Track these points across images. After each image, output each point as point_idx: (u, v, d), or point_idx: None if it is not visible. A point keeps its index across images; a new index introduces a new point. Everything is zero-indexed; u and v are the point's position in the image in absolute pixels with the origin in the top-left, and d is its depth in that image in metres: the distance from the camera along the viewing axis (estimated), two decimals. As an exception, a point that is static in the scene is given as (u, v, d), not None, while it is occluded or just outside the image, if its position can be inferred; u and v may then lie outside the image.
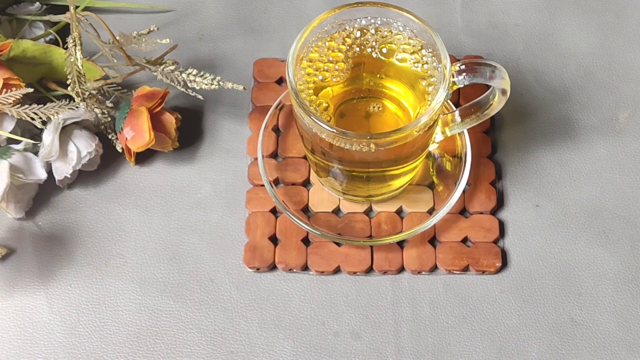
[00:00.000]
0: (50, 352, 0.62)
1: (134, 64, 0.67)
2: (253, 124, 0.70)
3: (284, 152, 0.68)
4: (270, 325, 0.63)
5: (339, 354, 0.62)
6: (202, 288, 0.64)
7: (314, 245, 0.65)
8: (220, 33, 0.75)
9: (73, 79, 0.63)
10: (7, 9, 0.72)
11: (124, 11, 0.76)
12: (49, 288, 0.64)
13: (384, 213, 0.66)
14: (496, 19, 0.75)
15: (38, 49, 0.68)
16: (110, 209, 0.67)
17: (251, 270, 0.65)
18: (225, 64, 0.73)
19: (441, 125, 0.64)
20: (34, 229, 0.66)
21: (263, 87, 0.71)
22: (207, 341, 0.62)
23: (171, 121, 0.67)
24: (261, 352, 0.62)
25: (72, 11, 0.63)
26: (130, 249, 0.66)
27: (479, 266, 0.64)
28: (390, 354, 0.62)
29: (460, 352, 0.62)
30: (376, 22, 0.62)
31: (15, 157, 0.65)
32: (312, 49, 0.61)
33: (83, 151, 0.65)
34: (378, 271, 0.64)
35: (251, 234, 0.65)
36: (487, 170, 0.68)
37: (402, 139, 0.58)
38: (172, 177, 0.69)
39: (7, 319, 0.63)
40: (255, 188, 0.67)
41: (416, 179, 0.67)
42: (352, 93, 0.63)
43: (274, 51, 0.74)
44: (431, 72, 0.61)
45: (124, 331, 0.63)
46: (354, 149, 0.58)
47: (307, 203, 0.67)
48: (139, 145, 0.65)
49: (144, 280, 0.64)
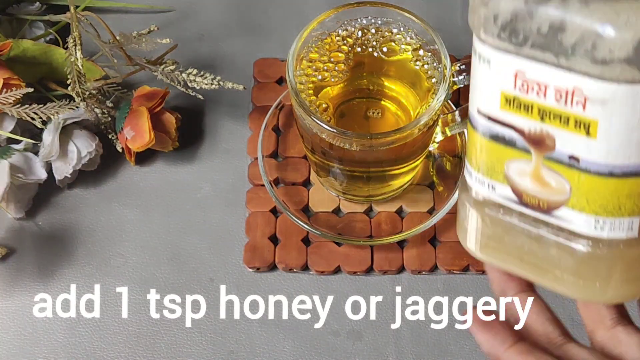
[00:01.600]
0: (50, 352, 0.62)
1: (134, 64, 0.67)
2: (253, 124, 0.70)
3: (284, 152, 0.68)
4: (270, 325, 0.63)
5: (339, 354, 0.62)
6: (202, 288, 0.64)
7: (314, 245, 0.65)
8: (220, 33, 0.75)
9: (73, 78, 0.63)
10: (7, 9, 0.72)
11: (124, 11, 0.76)
12: (49, 288, 0.64)
13: (384, 213, 0.66)
14: (496, 19, 0.75)
15: (38, 49, 0.68)
16: (110, 209, 0.67)
17: (251, 270, 0.65)
18: (225, 64, 0.73)
19: (441, 125, 0.64)
20: (34, 229, 0.66)
21: (263, 87, 0.71)
22: (207, 341, 0.62)
23: (171, 121, 0.67)
24: (261, 352, 0.62)
25: (72, 11, 0.63)
26: (130, 249, 0.66)
27: (479, 266, 0.64)
28: (390, 354, 0.62)
29: (460, 352, 0.62)
30: (376, 22, 0.62)
31: (15, 157, 0.65)
32: (312, 49, 0.61)
33: (83, 151, 0.65)
34: (378, 271, 0.64)
35: (251, 234, 0.65)
36: (487, 170, 0.68)
37: (402, 139, 0.58)
38: (172, 177, 0.69)
39: (7, 319, 0.63)
40: (255, 188, 0.67)
41: (416, 179, 0.67)
42: (352, 93, 0.63)
43: (274, 51, 0.74)
44: (431, 72, 0.61)
45: (124, 331, 0.63)
46: (354, 149, 0.58)
47: (307, 203, 0.67)
48: (139, 145, 0.65)
49: (144, 280, 0.64)
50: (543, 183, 0.43)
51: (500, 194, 0.44)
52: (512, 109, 0.42)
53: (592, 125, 0.40)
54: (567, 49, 0.39)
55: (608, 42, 0.38)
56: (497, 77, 0.42)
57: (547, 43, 0.39)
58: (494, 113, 0.43)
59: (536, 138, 0.42)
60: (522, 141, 0.42)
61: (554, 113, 0.41)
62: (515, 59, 0.41)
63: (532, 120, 0.41)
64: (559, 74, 0.40)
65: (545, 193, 0.43)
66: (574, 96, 0.40)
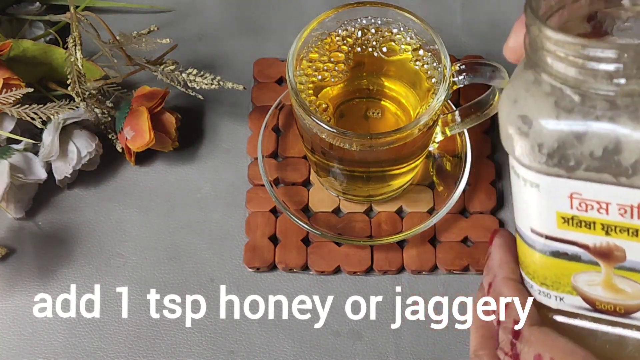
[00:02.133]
0: (50, 352, 0.62)
1: (134, 64, 0.67)
2: (253, 124, 0.70)
3: (284, 152, 0.68)
4: (270, 325, 0.63)
5: (339, 354, 0.62)
6: (202, 288, 0.64)
7: (314, 245, 0.65)
8: (220, 33, 0.75)
9: (73, 79, 0.63)
10: (7, 9, 0.72)
11: (124, 11, 0.76)
12: (49, 288, 0.64)
13: (384, 213, 0.66)
14: (496, 19, 0.75)
15: (38, 49, 0.68)
16: (110, 209, 0.67)
17: (251, 270, 0.65)
18: (225, 64, 0.73)
19: (441, 125, 0.64)
20: (34, 229, 0.66)
21: (263, 87, 0.71)
22: (207, 341, 0.62)
23: (171, 121, 0.67)
24: (261, 352, 0.62)
25: (72, 11, 0.63)
26: (130, 249, 0.66)
27: (479, 266, 0.64)
28: (390, 354, 0.62)
29: (460, 352, 0.62)
30: (376, 22, 0.62)
31: (15, 157, 0.65)
32: (312, 49, 0.61)
33: (83, 151, 0.65)
34: (378, 271, 0.64)
35: (251, 234, 0.65)
36: (487, 170, 0.68)
37: (402, 139, 0.58)
38: (172, 177, 0.69)
39: (7, 319, 0.63)
40: (255, 188, 0.67)
41: (416, 179, 0.67)
42: (352, 93, 0.63)
43: (274, 51, 0.74)
44: (431, 72, 0.61)
45: (124, 331, 0.62)
46: (354, 149, 0.58)
47: (307, 203, 0.67)
48: (139, 145, 0.65)
49: (144, 280, 0.64)
50: (617, 290, 0.40)
51: (570, 304, 0.41)
52: (572, 227, 0.39)
53: None
54: (628, 169, 0.36)
55: None
56: (549, 199, 0.38)
57: (604, 165, 0.36)
58: (551, 233, 0.39)
59: (603, 252, 0.39)
60: (587, 255, 0.39)
61: (620, 227, 0.38)
62: (568, 181, 0.37)
63: (597, 235, 0.38)
64: (621, 191, 0.37)
65: (621, 299, 0.40)
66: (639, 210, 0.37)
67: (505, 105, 0.38)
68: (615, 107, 0.36)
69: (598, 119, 0.36)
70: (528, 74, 0.38)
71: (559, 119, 0.37)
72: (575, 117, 0.36)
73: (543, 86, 0.37)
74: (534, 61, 0.38)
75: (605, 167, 0.36)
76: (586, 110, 0.36)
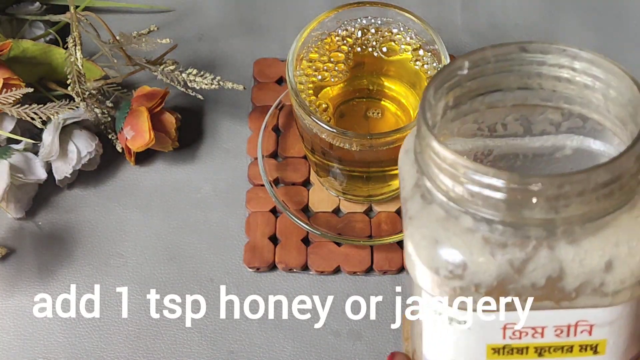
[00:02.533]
0: (50, 352, 0.62)
1: (134, 64, 0.67)
2: (253, 124, 0.70)
3: (284, 152, 0.68)
4: (270, 325, 0.63)
5: (339, 354, 0.62)
6: (202, 288, 0.64)
7: (314, 245, 0.65)
8: (220, 33, 0.75)
9: (73, 79, 0.63)
10: (7, 9, 0.72)
11: (124, 11, 0.76)
12: (49, 288, 0.64)
13: (384, 213, 0.66)
14: (496, 19, 0.75)
15: (38, 49, 0.68)
16: (110, 209, 0.67)
17: (251, 270, 0.65)
18: (225, 64, 0.73)
19: (441, 125, 0.64)
20: (34, 229, 0.66)
21: (263, 87, 0.71)
22: (207, 341, 0.62)
23: (171, 121, 0.67)
24: (261, 352, 0.62)
25: (72, 11, 0.63)
26: (130, 249, 0.66)
27: (479, 266, 0.64)
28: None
29: (460, 352, 0.62)
30: (376, 22, 0.62)
31: (15, 157, 0.65)
32: (312, 49, 0.61)
33: (83, 151, 0.65)
34: (378, 271, 0.64)
35: (251, 234, 0.65)
36: (487, 170, 0.68)
37: (402, 139, 0.57)
38: (172, 177, 0.69)
39: (7, 319, 0.63)
40: (255, 188, 0.67)
41: (416, 179, 0.67)
42: (352, 93, 0.63)
43: (274, 51, 0.74)
44: (431, 72, 0.61)
45: (124, 331, 0.62)
46: (353, 149, 0.58)
47: (307, 203, 0.67)
48: (139, 145, 0.65)
49: (144, 280, 0.64)
50: None
51: None
52: (502, 356, 0.37)
53: (600, 345, 0.36)
54: (571, 293, 0.34)
55: (618, 275, 0.34)
56: (479, 333, 0.36)
57: (546, 294, 0.35)
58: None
59: None
60: None
61: (554, 347, 0.37)
62: (503, 314, 0.35)
63: (529, 359, 0.37)
64: (560, 313, 0.35)
65: None
66: (577, 328, 0.36)
67: (424, 247, 0.35)
68: (552, 234, 0.34)
69: (536, 249, 0.34)
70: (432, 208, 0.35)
71: (494, 256, 0.34)
72: (512, 250, 0.34)
73: (461, 221, 0.34)
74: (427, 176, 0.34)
75: (548, 295, 0.35)
76: (520, 241, 0.34)
